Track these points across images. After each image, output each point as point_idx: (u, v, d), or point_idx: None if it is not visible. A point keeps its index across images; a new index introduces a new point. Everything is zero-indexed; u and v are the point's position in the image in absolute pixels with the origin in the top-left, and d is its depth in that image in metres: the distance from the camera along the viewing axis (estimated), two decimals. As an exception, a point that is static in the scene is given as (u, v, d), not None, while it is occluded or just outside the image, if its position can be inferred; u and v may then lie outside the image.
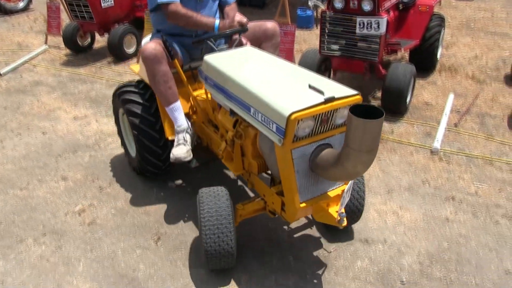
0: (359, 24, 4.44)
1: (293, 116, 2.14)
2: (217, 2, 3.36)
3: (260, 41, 3.30)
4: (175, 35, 3.25)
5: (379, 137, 2.02)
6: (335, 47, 4.71)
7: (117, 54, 6.64)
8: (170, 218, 3.25)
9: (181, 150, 3.03)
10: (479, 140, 4.28)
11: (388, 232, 3.11)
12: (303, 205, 2.41)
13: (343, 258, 2.87)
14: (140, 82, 3.42)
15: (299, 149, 2.30)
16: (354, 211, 2.92)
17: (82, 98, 5.45)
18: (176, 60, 3.08)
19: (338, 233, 3.06)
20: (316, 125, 2.26)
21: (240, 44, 3.14)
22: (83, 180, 3.73)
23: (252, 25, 3.27)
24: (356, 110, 1.94)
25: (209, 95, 3.10)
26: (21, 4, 10.30)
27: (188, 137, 3.13)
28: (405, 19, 5.50)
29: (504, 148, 4.15)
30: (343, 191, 2.46)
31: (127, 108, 3.30)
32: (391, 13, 4.95)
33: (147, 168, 3.45)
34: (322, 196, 2.48)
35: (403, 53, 6.20)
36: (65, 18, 7.69)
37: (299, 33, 7.63)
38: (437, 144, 4.09)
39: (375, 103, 4.98)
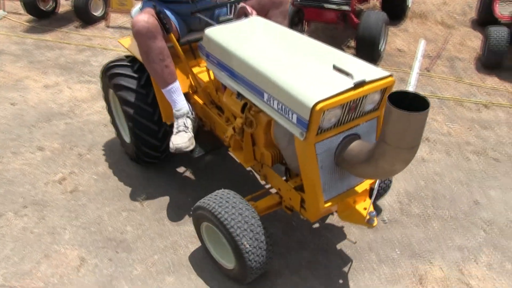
0: (330, -26, 4.42)
1: (318, 107, 1.79)
2: None
3: (266, 9, 2.86)
4: (169, 2, 2.83)
5: (423, 131, 1.70)
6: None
7: (84, 18, 6.40)
8: (154, 179, 3.25)
9: (182, 139, 2.64)
10: (449, 83, 4.38)
11: (367, 176, 3.20)
12: (328, 204, 2.12)
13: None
14: (133, 60, 3.00)
15: (323, 142, 1.97)
16: (384, 188, 2.75)
17: (51, 66, 5.29)
18: (172, 34, 2.66)
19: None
20: (344, 114, 1.93)
21: (245, 14, 2.70)
22: (61, 149, 3.68)
23: None
24: (393, 98, 1.64)
25: (211, 74, 2.72)
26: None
27: (189, 123, 2.74)
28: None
29: (473, 89, 4.27)
30: (372, 184, 2.21)
31: (119, 95, 2.91)
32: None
33: (143, 159, 3.17)
34: (349, 192, 2.20)
35: (375, 2, 6.20)
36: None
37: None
38: (410, 88, 4.16)
39: (349, 52, 5.00)
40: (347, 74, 1.90)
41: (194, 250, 2.64)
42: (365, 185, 2.23)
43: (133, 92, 2.88)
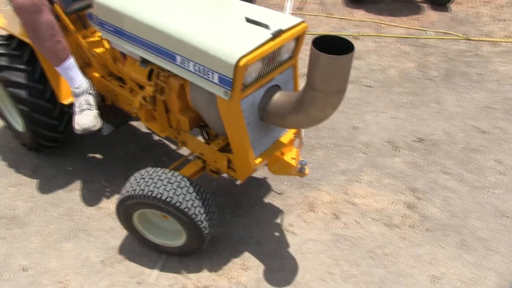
0: None
1: (242, 62, 1.71)
2: None
3: None
4: None
5: (349, 73, 1.69)
6: None
7: None
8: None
9: (88, 118, 2.45)
10: (321, 19, 4.62)
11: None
12: (258, 160, 2.09)
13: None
14: (10, 38, 2.68)
15: (247, 98, 1.91)
16: None
17: None
18: (56, 5, 2.40)
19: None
20: (264, 67, 1.89)
21: None
22: None
23: None
24: (316, 43, 1.61)
25: (106, 44, 2.54)
26: None
27: (91, 99, 2.53)
28: None
29: (343, 23, 4.55)
30: (295, 133, 2.21)
31: (2, 77, 2.63)
32: None
33: (43, 144, 2.91)
34: (275, 145, 2.18)
35: None
36: None
37: None
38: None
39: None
40: (262, 25, 1.85)
41: (90, 213, 2.64)
42: (289, 135, 2.24)
43: (17, 71, 2.61)
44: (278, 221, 2.59)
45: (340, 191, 2.79)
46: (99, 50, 2.62)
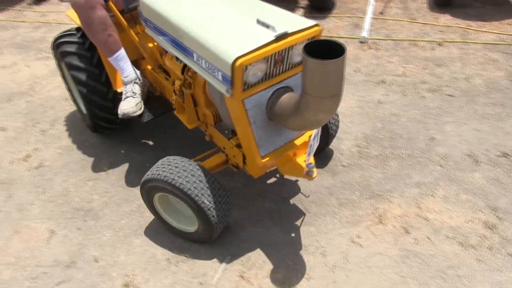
0: None
1: (238, 62, 1.79)
2: None
3: None
4: None
5: (343, 79, 1.69)
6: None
7: (35, -6, 6.23)
8: (116, 146, 3.28)
9: (129, 104, 2.67)
10: (403, 24, 4.44)
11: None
12: (265, 159, 2.15)
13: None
14: (78, 29, 3.01)
15: (252, 97, 1.98)
16: (336, 130, 2.82)
17: (7, 46, 5.16)
18: (111, 2, 2.64)
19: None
20: (270, 68, 1.93)
21: None
22: (24, 127, 3.66)
23: None
24: (311, 47, 1.64)
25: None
26: None
27: (137, 88, 2.78)
28: None
29: (426, 29, 4.34)
30: (310, 137, 2.16)
31: (66, 61, 2.95)
32: None
33: (100, 125, 3.17)
34: (287, 146, 2.22)
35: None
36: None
37: None
38: (365, 33, 4.21)
39: (303, 3, 5.01)
40: (269, 27, 1.89)
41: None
42: (304, 137, 2.25)
43: (78, 56, 2.92)
44: (345, 231, 2.51)
45: (413, 205, 2.65)
46: (150, 45, 2.84)
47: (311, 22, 1.97)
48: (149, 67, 2.98)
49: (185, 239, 2.51)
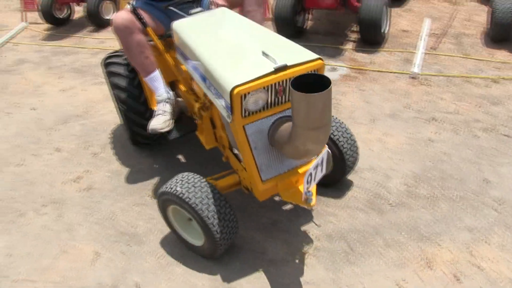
0: (327, -42, 4.40)
1: (236, 91, 1.93)
2: None
3: None
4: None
5: (329, 111, 1.77)
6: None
7: (96, 22, 6.55)
8: (163, 173, 3.33)
9: (158, 121, 2.83)
10: (456, 60, 4.34)
11: (374, 159, 3.21)
12: (266, 184, 2.23)
13: (332, 189, 2.98)
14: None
15: (254, 124, 2.10)
16: (355, 163, 2.86)
17: (67, 70, 5.43)
18: (149, 28, 2.86)
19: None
20: (271, 97, 2.05)
21: (216, 6, 2.90)
22: (77, 149, 3.80)
23: None
24: (302, 80, 1.75)
25: None
26: (-12, -17, 10.03)
27: (167, 107, 2.92)
28: None
29: (481, 65, 4.23)
30: (311, 165, 2.20)
31: (111, 80, 3.27)
32: None
33: (138, 140, 3.48)
34: (290, 173, 2.28)
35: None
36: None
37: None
38: (416, 69, 4.15)
39: (353, 36, 5.00)
40: (272, 59, 2.01)
41: (204, 241, 2.71)
42: (307, 166, 2.29)
43: (121, 76, 3.21)
44: (391, 274, 2.42)
45: (464, 251, 2.52)
46: (184, 68, 2.92)
47: (313, 55, 2.07)
48: (183, 89, 3.11)
49: (193, 252, 2.61)
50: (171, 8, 2.89)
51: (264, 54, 2.08)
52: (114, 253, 2.69)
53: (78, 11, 7.42)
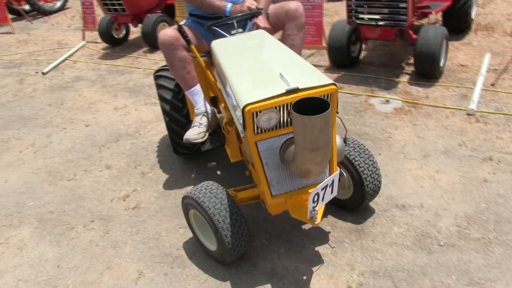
0: (385, -10, 4.37)
1: (247, 108, 2.06)
2: None
3: (283, 23, 3.17)
4: (204, 18, 3.29)
5: (326, 134, 1.89)
6: (363, 15, 4.66)
7: (152, 43, 6.79)
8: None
9: (193, 132, 3.05)
10: (517, 98, 4.16)
11: (425, 196, 3.10)
12: (276, 199, 2.33)
13: (380, 224, 2.90)
14: None
15: (266, 141, 2.22)
16: (376, 191, 2.86)
17: (121, 89, 5.65)
18: (193, 46, 3.03)
19: (375, 200, 3.09)
20: (283, 117, 2.16)
21: (257, 27, 3.06)
22: (126, 167, 3.91)
23: (275, 6, 3.20)
24: (306, 103, 1.89)
25: None
26: (58, 4, 10.70)
27: (204, 120, 3.11)
28: (435, -20, 5.36)
29: (544, 103, 4.03)
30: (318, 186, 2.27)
31: (159, 93, 3.54)
32: (419, -25, 4.82)
33: (178, 150, 3.70)
34: (300, 191, 2.36)
35: (436, 16, 6.03)
36: (100, 13, 7.93)
37: (330, 6, 7.56)
38: (473, 105, 4.01)
39: (409, 69, 4.92)
40: (286, 81, 2.13)
41: (246, 267, 2.69)
42: (316, 186, 2.31)
43: (168, 90, 3.46)
44: (437, 319, 2.31)
45: (520, 301, 2.38)
46: (218, 84, 3.08)
47: (327, 80, 2.16)
48: (222, 104, 3.23)
49: (208, 255, 2.79)
50: (214, 27, 3.03)
51: (281, 76, 2.19)
52: (157, 274, 2.72)
53: (134, 32, 7.72)
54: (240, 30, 3.03)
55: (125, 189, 3.61)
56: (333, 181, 2.29)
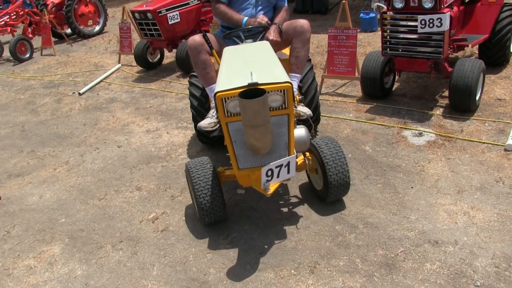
0: (421, 22, 4.35)
1: (217, 95, 2.65)
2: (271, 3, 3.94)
3: (291, 37, 3.66)
4: (228, 29, 3.88)
5: (261, 116, 2.45)
6: (398, 47, 4.64)
7: (185, 68, 6.90)
8: (239, 223, 3.35)
9: (205, 121, 3.52)
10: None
11: (459, 233, 3.01)
12: (242, 172, 2.92)
13: (412, 260, 2.82)
14: None
15: (234, 123, 2.76)
16: (341, 183, 3.17)
17: (153, 112, 5.74)
18: (214, 51, 3.65)
19: (407, 234, 3.01)
20: None
21: (267, 39, 3.63)
22: (156, 190, 3.94)
23: (287, 23, 3.73)
24: (258, 93, 2.45)
25: None
26: (97, 28, 11.05)
27: (216, 113, 3.51)
28: (472, 13, 5.31)
29: None
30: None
31: (189, 89, 4.21)
32: (455, 8, 4.76)
33: (202, 139, 4.36)
34: (260, 168, 2.78)
35: (472, 49, 5.95)
36: (136, 38, 8.16)
37: (363, 36, 7.57)
38: (511, 141, 3.90)
39: (443, 102, 4.85)
40: (252, 77, 2.66)
41: (273, 298, 2.65)
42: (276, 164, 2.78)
43: (196, 87, 4.15)
44: None
45: None
46: None
47: (284, 79, 2.69)
48: None
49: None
50: (230, 36, 3.71)
51: (251, 73, 2.71)
52: (182, 298, 2.70)
53: (168, 56, 7.88)
54: (250, 40, 3.66)
55: (155, 211, 3.63)
56: (288, 162, 2.77)
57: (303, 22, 3.61)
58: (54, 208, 3.88)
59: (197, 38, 3.59)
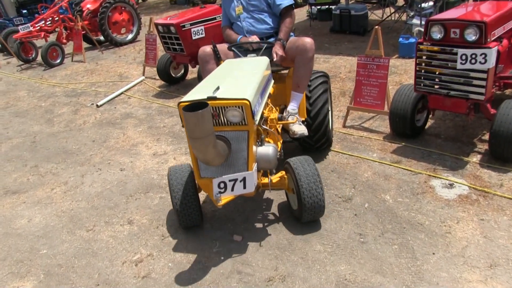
0: (461, 57, 3.79)
1: (180, 105, 2.73)
2: (266, 15, 4.06)
3: (294, 55, 3.78)
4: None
5: (203, 128, 2.45)
6: (433, 83, 4.12)
7: (207, 84, 6.60)
8: (229, 277, 2.93)
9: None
10: None
11: (487, 322, 2.47)
12: (203, 181, 3.01)
13: None
14: None
15: None
16: (315, 206, 3.11)
17: (165, 133, 5.41)
18: (222, 61, 3.85)
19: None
20: None
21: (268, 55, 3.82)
22: (148, 225, 3.58)
23: (292, 40, 3.91)
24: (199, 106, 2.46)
25: None
26: (129, 37, 10.95)
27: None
28: (525, 46, 4.70)
29: None
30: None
31: None
32: (504, 41, 4.16)
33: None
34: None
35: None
36: (162, 50, 7.91)
37: (401, 63, 7.00)
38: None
39: (482, 147, 4.25)
40: (214, 91, 2.81)
41: None
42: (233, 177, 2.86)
43: None
44: None
45: None
46: None
47: (243, 96, 2.75)
48: None
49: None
50: (233, 49, 3.97)
51: (217, 88, 2.86)
52: None
53: (192, 71, 7.58)
54: (253, 54, 3.92)
55: (141, 251, 3.27)
56: (244, 177, 2.82)
57: (306, 41, 3.71)
58: (39, 236, 3.60)
59: (207, 48, 3.92)
